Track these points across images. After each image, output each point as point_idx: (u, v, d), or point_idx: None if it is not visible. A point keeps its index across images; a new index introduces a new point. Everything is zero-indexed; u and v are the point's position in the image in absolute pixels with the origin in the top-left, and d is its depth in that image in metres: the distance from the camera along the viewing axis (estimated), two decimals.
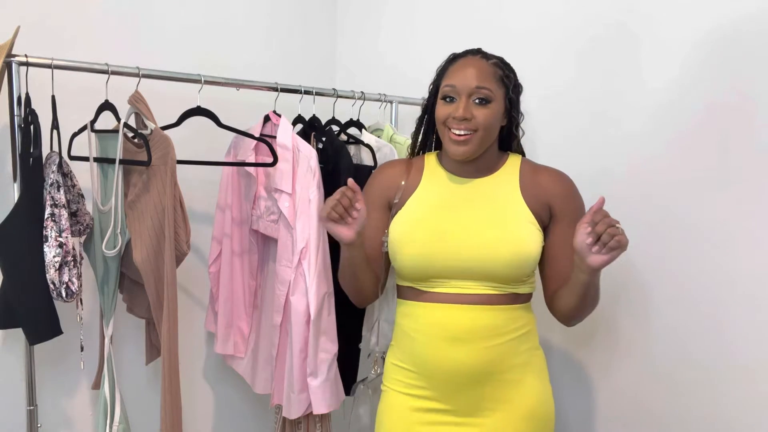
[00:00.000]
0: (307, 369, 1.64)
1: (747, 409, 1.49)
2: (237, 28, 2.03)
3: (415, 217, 1.41)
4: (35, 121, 1.36)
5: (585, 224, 1.21)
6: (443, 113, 1.36)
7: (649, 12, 1.58)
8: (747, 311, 1.48)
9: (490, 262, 1.33)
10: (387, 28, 2.18)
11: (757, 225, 1.45)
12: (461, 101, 1.34)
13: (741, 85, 1.46)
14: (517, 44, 1.81)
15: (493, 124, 1.37)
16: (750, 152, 1.45)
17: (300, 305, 1.63)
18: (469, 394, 1.36)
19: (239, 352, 1.84)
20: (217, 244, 1.80)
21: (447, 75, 1.39)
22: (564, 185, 1.41)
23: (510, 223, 1.36)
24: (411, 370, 1.41)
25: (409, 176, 1.46)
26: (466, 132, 1.33)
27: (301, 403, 1.67)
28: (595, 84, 1.70)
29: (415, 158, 1.52)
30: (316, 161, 1.65)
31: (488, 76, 1.35)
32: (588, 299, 1.34)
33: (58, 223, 1.37)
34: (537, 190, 1.39)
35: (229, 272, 1.79)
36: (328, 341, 1.66)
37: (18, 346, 1.55)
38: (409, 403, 1.41)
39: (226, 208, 1.79)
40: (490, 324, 1.34)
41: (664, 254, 1.61)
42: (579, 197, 1.41)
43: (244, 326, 1.83)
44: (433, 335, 1.36)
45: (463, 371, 1.35)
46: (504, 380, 1.36)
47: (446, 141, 1.37)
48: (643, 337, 1.66)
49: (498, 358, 1.35)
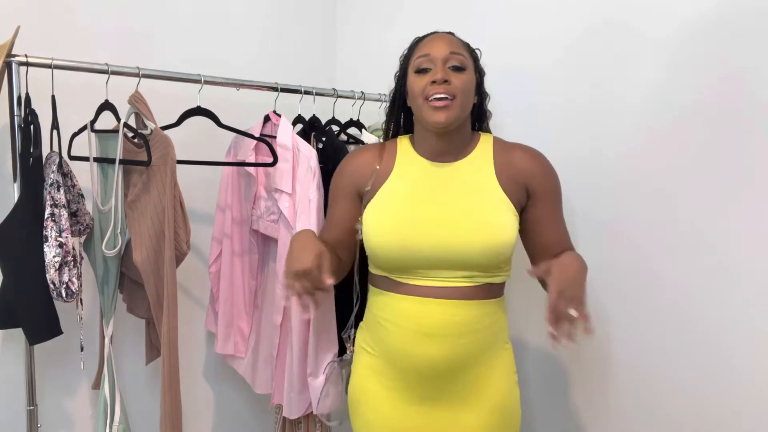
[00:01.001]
0: (307, 369, 1.64)
1: (726, 404, 1.49)
2: (237, 28, 2.03)
3: (389, 207, 1.39)
4: (35, 121, 1.36)
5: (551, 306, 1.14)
6: (420, 84, 1.35)
7: (640, 3, 1.58)
8: (730, 305, 1.48)
9: (465, 251, 1.32)
10: (387, 28, 2.18)
11: (748, 219, 1.44)
12: (437, 66, 1.34)
13: (732, 77, 1.45)
14: (517, 44, 1.82)
15: (470, 91, 1.37)
16: (742, 146, 1.45)
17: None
18: (436, 385, 1.37)
19: (239, 352, 1.84)
20: (218, 244, 1.80)
21: (416, 51, 1.39)
22: (539, 164, 1.41)
23: (486, 210, 1.35)
24: (378, 357, 1.41)
25: (381, 162, 1.44)
26: (446, 96, 1.32)
27: (302, 403, 1.68)
28: (585, 79, 1.70)
29: (388, 142, 1.50)
30: (316, 161, 1.65)
31: (459, 45, 1.38)
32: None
33: (58, 223, 1.37)
34: (512, 171, 1.39)
35: (229, 272, 1.79)
36: (329, 340, 1.66)
37: (18, 346, 1.55)
38: (381, 391, 1.41)
39: (226, 208, 1.79)
40: (464, 320, 1.34)
41: (642, 252, 1.62)
42: (554, 173, 1.43)
43: (245, 326, 1.84)
44: (405, 328, 1.35)
45: (433, 365, 1.35)
46: (472, 374, 1.37)
47: (426, 112, 1.34)
48: (616, 331, 1.67)
49: (469, 354, 1.35)
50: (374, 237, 1.37)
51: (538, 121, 1.78)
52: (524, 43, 1.81)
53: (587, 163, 1.69)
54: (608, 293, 1.67)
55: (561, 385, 1.82)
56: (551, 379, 1.83)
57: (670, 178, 1.55)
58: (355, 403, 1.47)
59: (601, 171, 1.67)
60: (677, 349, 1.57)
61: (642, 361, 1.63)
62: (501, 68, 1.83)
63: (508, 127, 1.73)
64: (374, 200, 1.41)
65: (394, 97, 1.48)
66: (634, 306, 1.64)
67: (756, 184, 1.42)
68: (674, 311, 1.57)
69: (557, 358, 1.82)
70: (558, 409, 1.82)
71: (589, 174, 1.69)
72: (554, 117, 1.76)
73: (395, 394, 1.40)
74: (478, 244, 1.32)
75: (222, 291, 1.80)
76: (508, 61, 1.82)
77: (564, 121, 1.74)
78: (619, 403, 1.68)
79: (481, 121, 1.49)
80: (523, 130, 1.51)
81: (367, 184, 1.43)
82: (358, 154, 1.50)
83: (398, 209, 1.38)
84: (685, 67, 1.51)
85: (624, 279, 1.65)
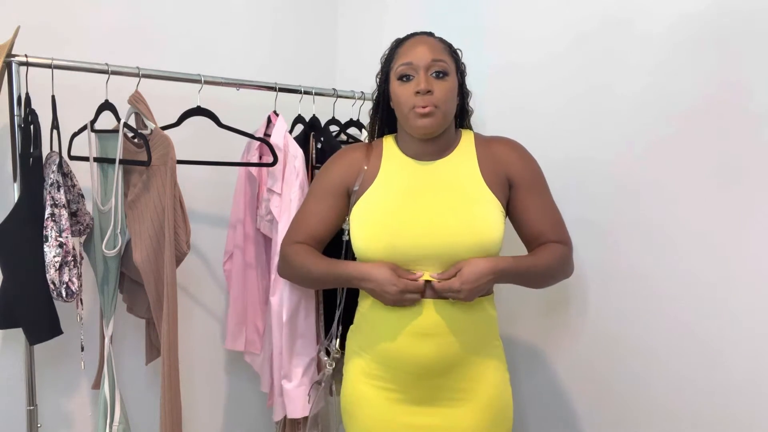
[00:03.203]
0: (281, 371, 1.64)
1: (726, 404, 1.49)
2: (237, 28, 2.03)
3: (377, 208, 1.39)
4: (35, 121, 1.36)
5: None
6: (405, 93, 1.36)
7: (636, 4, 1.58)
8: (727, 307, 1.48)
9: (453, 250, 1.33)
10: (387, 29, 2.18)
11: (746, 220, 1.44)
12: (420, 76, 1.34)
13: (729, 79, 1.45)
14: (517, 44, 1.82)
15: (453, 97, 1.38)
16: (739, 148, 1.44)
17: (278, 306, 1.63)
18: (429, 384, 1.37)
19: (255, 348, 1.83)
20: (231, 244, 1.81)
21: (398, 56, 1.39)
22: (517, 152, 1.44)
23: (473, 209, 1.36)
24: (371, 360, 1.41)
25: (369, 162, 1.45)
26: (429, 106, 1.33)
27: (281, 407, 1.67)
28: (581, 81, 1.69)
29: (374, 142, 1.51)
30: (301, 161, 1.65)
31: (440, 50, 1.38)
32: (538, 281, 1.45)
33: (58, 223, 1.37)
34: (494, 164, 1.41)
35: (242, 271, 1.79)
36: (305, 345, 1.64)
37: (18, 346, 1.55)
38: (376, 393, 1.41)
39: (239, 209, 1.79)
40: (457, 318, 1.35)
41: (639, 253, 1.62)
42: (533, 160, 1.45)
43: (260, 323, 1.83)
44: (398, 330, 1.36)
45: (427, 365, 1.35)
46: (466, 372, 1.38)
47: (411, 119, 1.36)
48: (611, 330, 1.68)
49: (463, 352, 1.36)
50: (363, 240, 1.37)
51: (533, 123, 1.78)
52: (521, 43, 1.81)
53: (583, 164, 1.69)
54: (605, 294, 1.68)
55: (552, 382, 1.82)
56: (541, 376, 1.84)
57: (668, 179, 1.55)
58: (349, 409, 1.46)
59: (597, 173, 1.67)
60: (670, 347, 1.57)
61: (638, 361, 1.63)
62: (496, 69, 1.84)
63: (505, 129, 1.73)
64: (362, 202, 1.41)
65: (378, 99, 1.48)
66: (630, 306, 1.64)
67: (754, 184, 1.42)
68: (670, 312, 1.57)
69: (547, 354, 1.83)
70: (549, 406, 1.83)
71: (585, 176, 1.68)
72: (550, 119, 1.76)
73: (390, 395, 1.40)
74: (467, 243, 1.33)
75: (233, 288, 1.80)
76: (504, 62, 1.83)
77: (560, 124, 1.74)
78: (612, 398, 1.68)
79: (463, 118, 1.50)
80: (518, 133, 1.51)
81: (355, 184, 1.43)
82: (347, 152, 1.51)
83: (386, 211, 1.38)
84: (683, 69, 1.51)
85: (620, 280, 1.65)
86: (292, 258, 1.46)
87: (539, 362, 1.85)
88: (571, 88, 1.71)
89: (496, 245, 1.36)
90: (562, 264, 1.43)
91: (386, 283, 1.32)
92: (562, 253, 1.43)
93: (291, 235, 1.50)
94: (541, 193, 1.44)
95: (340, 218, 1.47)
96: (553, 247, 1.42)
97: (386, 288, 1.32)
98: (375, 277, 1.33)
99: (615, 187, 1.64)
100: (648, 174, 1.58)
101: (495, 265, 1.33)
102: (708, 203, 1.49)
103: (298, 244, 1.47)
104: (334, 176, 1.47)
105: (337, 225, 1.48)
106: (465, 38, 1.47)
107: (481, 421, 1.38)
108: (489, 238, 1.34)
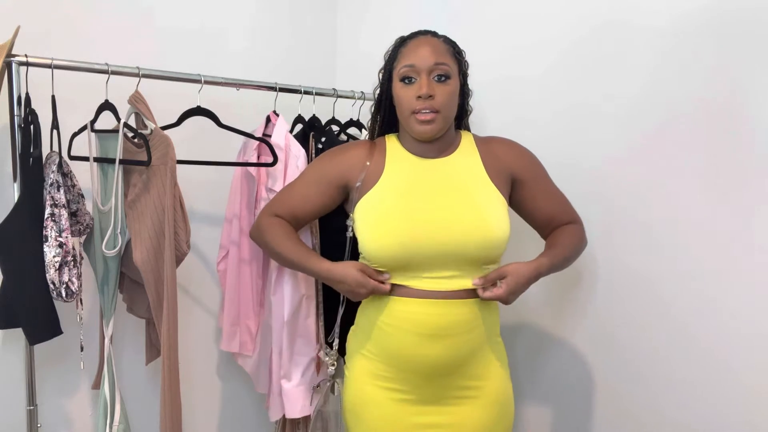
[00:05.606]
0: (281, 371, 1.64)
1: (725, 404, 1.49)
2: (237, 28, 2.03)
3: (385, 206, 1.39)
4: (35, 121, 1.36)
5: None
6: (407, 95, 1.36)
7: (634, 5, 1.58)
8: (727, 306, 1.48)
9: (465, 249, 1.34)
10: (387, 28, 2.17)
11: (745, 220, 1.44)
12: (422, 79, 1.34)
13: (727, 79, 1.45)
14: (517, 45, 1.82)
15: (454, 101, 1.39)
16: (736, 148, 1.44)
17: (279, 306, 1.62)
18: (438, 384, 1.38)
19: (247, 350, 1.83)
20: (226, 244, 1.80)
21: (401, 56, 1.39)
22: (516, 149, 1.47)
23: (482, 207, 1.37)
24: (377, 360, 1.41)
25: (373, 159, 1.45)
26: (431, 111, 1.34)
27: (279, 406, 1.67)
28: (578, 84, 1.70)
29: (377, 140, 1.51)
30: (304, 161, 1.65)
31: (444, 53, 1.38)
32: (566, 265, 1.48)
33: (58, 223, 1.37)
34: (497, 163, 1.43)
35: (236, 270, 1.79)
36: (305, 345, 1.64)
37: (18, 346, 1.55)
38: (383, 394, 1.41)
39: (234, 210, 1.78)
40: (464, 319, 1.36)
41: (626, 250, 1.63)
42: (530, 152, 1.48)
43: (252, 324, 1.82)
44: (407, 331, 1.36)
45: (435, 365, 1.36)
46: (471, 371, 1.39)
47: (412, 124, 1.37)
48: (609, 330, 1.68)
49: (468, 351, 1.38)
50: (375, 242, 1.37)
51: (533, 126, 1.77)
52: (519, 49, 1.81)
53: (583, 165, 1.69)
54: (605, 294, 1.68)
55: (552, 381, 1.82)
56: (541, 375, 1.84)
57: (667, 179, 1.55)
58: (356, 410, 1.45)
59: (597, 174, 1.67)
60: (670, 347, 1.57)
61: (637, 360, 1.63)
62: (495, 73, 1.83)
63: (506, 131, 1.73)
64: (368, 200, 1.41)
65: (380, 97, 1.48)
66: (629, 306, 1.64)
67: (752, 184, 1.42)
68: (670, 312, 1.57)
69: (547, 354, 1.83)
70: (549, 405, 1.83)
71: (584, 177, 1.68)
72: (547, 122, 1.76)
73: (398, 396, 1.40)
74: (477, 242, 1.34)
75: (228, 289, 1.80)
76: (503, 66, 1.83)
77: (558, 126, 1.74)
78: (612, 398, 1.69)
79: (461, 118, 1.50)
80: (519, 136, 1.52)
81: (358, 180, 1.43)
82: (350, 146, 1.51)
83: (396, 209, 1.38)
84: (682, 69, 1.51)
85: (619, 280, 1.65)
86: (267, 230, 1.51)
87: (539, 362, 1.85)
88: (571, 90, 1.71)
89: (504, 242, 1.38)
90: (582, 241, 1.51)
91: (356, 286, 1.38)
92: (578, 231, 1.50)
93: (272, 207, 1.53)
94: (545, 181, 1.48)
95: (325, 207, 1.49)
96: (570, 229, 1.48)
97: (356, 290, 1.39)
98: (345, 279, 1.39)
99: (615, 188, 1.64)
100: (648, 174, 1.58)
101: (537, 271, 1.37)
102: (708, 203, 1.49)
103: (278, 218, 1.50)
104: (331, 166, 1.48)
105: (319, 212, 1.51)
106: (467, 41, 1.47)
107: (488, 417, 1.40)
108: (498, 236, 1.36)
